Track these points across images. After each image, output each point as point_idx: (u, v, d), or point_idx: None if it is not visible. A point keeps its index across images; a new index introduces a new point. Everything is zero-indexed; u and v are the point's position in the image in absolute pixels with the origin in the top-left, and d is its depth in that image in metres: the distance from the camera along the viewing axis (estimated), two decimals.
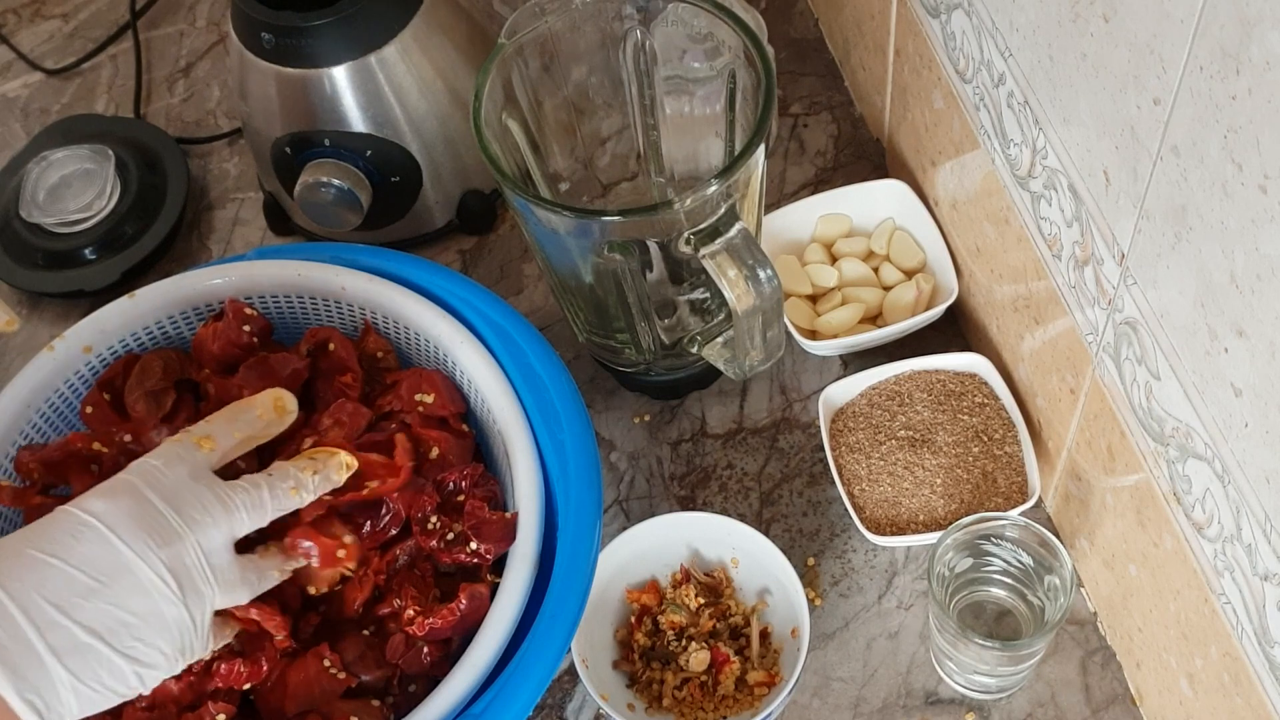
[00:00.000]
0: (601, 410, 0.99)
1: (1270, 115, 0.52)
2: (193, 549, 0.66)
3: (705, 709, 0.84)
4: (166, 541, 0.65)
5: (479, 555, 0.75)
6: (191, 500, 0.67)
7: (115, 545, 0.64)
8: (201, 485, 0.68)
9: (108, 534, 0.64)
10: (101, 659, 0.62)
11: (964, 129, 0.88)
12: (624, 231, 0.80)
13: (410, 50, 0.98)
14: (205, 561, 0.66)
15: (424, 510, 0.76)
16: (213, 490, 0.68)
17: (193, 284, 0.85)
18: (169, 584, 0.65)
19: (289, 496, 0.70)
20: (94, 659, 0.62)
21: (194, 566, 0.66)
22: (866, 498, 0.89)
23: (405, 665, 0.75)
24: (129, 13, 1.26)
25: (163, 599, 0.64)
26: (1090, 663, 0.85)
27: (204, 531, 0.67)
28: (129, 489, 0.66)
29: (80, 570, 0.63)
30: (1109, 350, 0.74)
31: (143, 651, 0.64)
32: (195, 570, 0.66)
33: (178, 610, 0.65)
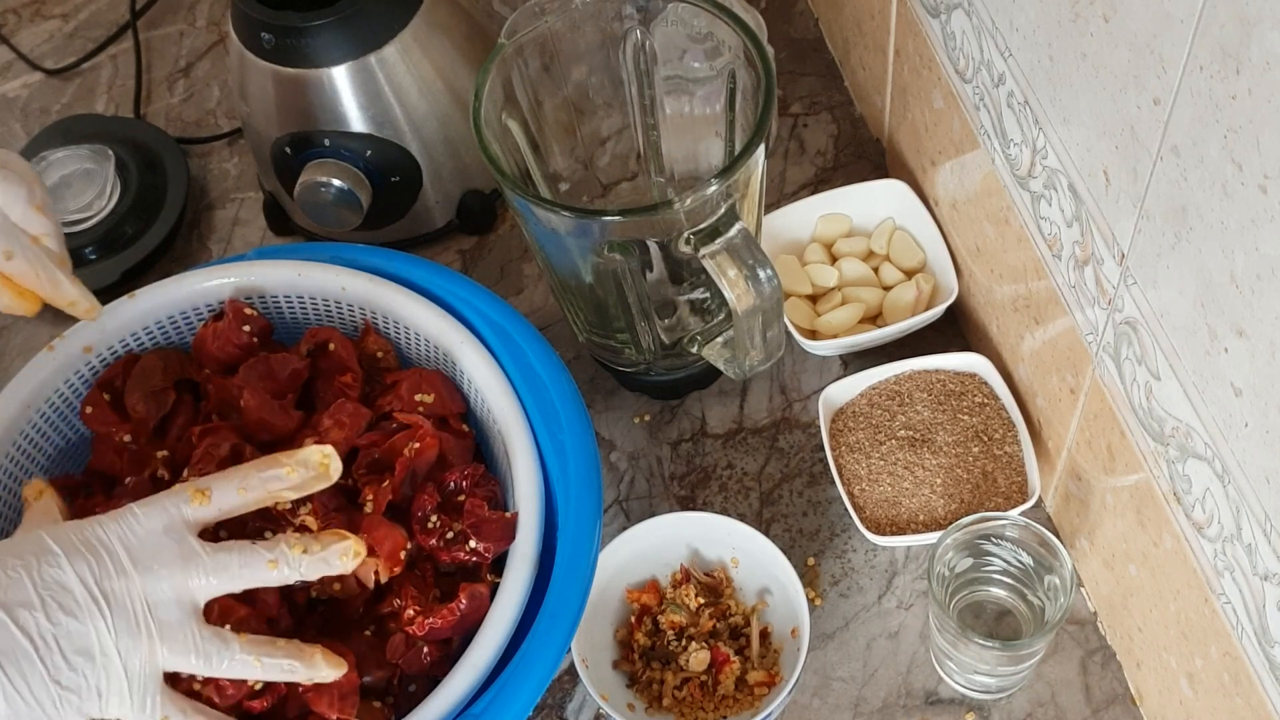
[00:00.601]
0: (601, 410, 0.99)
1: (1270, 115, 0.52)
2: (137, 591, 0.65)
3: (705, 709, 0.84)
4: (108, 575, 0.64)
5: (478, 554, 0.75)
6: (151, 549, 0.66)
7: (63, 567, 0.64)
8: (169, 538, 0.67)
9: (60, 556, 0.64)
10: (34, 670, 0.62)
11: (964, 129, 0.88)
12: (624, 231, 0.80)
13: (410, 50, 0.98)
14: (145, 605, 0.65)
15: (424, 509, 0.76)
16: (180, 545, 0.67)
17: (193, 284, 0.85)
18: (103, 613, 0.64)
19: (264, 570, 0.68)
20: (26, 666, 0.62)
21: (133, 608, 0.64)
22: (866, 497, 0.89)
23: (405, 665, 0.75)
24: (129, 13, 1.26)
25: (95, 628, 0.63)
26: (1090, 663, 0.85)
27: (152, 579, 0.65)
28: (98, 525, 0.66)
29: (33, 585, 0.63)
30: (1109, 350, 0.74)
31: (67, 676, 0.63)
32: (134, 612, 0.64)
33: (108, 645, 0.64)
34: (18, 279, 0.76)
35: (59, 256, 0.77)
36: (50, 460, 0.82)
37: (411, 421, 0.79)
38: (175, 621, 0.66)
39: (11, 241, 0.74)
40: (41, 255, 0.76)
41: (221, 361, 0.83)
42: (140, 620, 0.65)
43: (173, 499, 0.68)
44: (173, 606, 0.66)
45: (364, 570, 0.74)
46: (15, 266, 0.75)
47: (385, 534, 0.74)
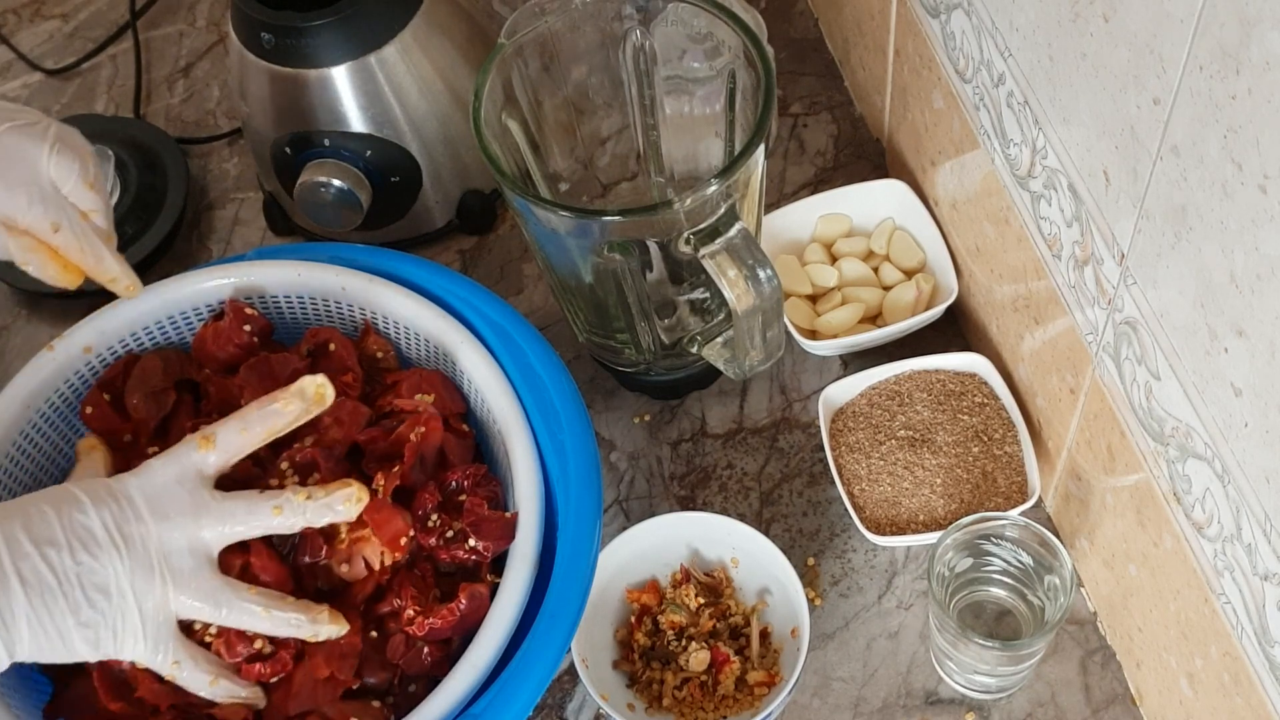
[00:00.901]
0: (601, 410, 0.99)
1: (1270, 115, 0.52)
2: (152, 537, 0.68)
3: (705, 709, 0.84)
4: (127, 520, 0.68)
5: (477, 553, 0.75)
6: (165, 498, 0.69)
7: (88, 513, 0.67)
8: (181, 488, 0.70)
9: (86, 504, 0.68)
10: (56, 604, 0.65)
11: (964, 129, 0.88)
12: (624, 231, 0.80)
13: (410, 50, 0.98)
14: (161, 552, 0.68)
15: (425, 508, 0.76)
16: (191, 495, 0.70)
17: (193, 284, 0.85)
18: (121, 555, 0.67)
19: (269, 516, 0.71)
20: (50, 600, 0.65)
21: (148, 552, 0.68)
22: (866, 497, 0.89)
23: (406, 665, 0.75)
24: (129, 13, 1.26)
25: (114, 568, 0.67)
26: (1090, 662, 0.85)
27: (166, 526, 0.69)
28: (122, 478, 0.70)
29: (60, 527, 0.66)
30: (1109, 350, 0.74)
31: (86, 612, 0.66)
32: (149, 556, 0.68)
33: (124, 585, 0.67)
34: (63, 252, 0.78)
35: (105, 233, 0.80)
36: (50, 460, 0.82)
37: (412, 407, 0.79)
38: (188, 569, 0.69)
39: (60, 215, 0.77)
40: (88, 230, 0.78)
41: (222, 361, 0.83)
42: (155, 564, 0.68)
43: (183, 448, 0.72)
44: (185, 554, 0.69)
45: (370, 551, 0.75)
46: (62, 239, 0.77)
47: (388, 518, 0.74)
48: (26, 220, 0.76)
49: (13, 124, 0.76)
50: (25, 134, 0.76)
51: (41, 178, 0.76)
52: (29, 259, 0.78)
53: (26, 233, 0.77)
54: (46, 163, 0.76)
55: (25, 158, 0.76)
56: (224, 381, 0.81)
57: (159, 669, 0.70)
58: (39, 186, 0.76)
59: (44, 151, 0.76)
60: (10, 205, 0.75)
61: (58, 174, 0.77)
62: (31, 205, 0.75)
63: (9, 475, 0.79)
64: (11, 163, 0.75)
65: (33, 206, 0.76)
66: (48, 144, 0.76)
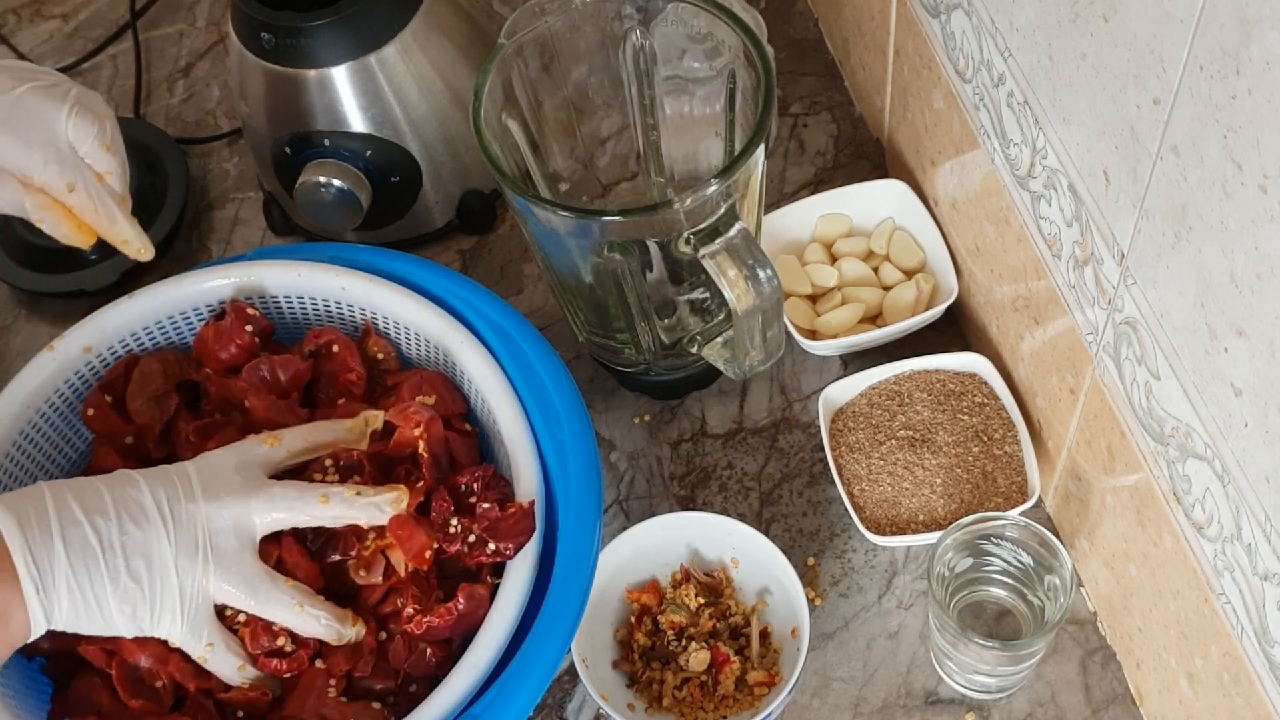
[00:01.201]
0: (601, 410, 0.99)
1: (1270, 115, 0.52)
2: (201, 516, 0.69)
3: (705, 709, 0.84)
4: (178, 498, 0.69)
5: (500, 554, 0.75)
6: (221, 480, 0.70)
7: (142, 489, 0.69)
8: (236, 474, 0.71)
9: (141, 482, 0.69)
10: (97, 571, 0.66)
11: (964, 129, 0.88)
12: (624, 231, 0.80)
13: (410, 50, 0.98)
14: (207, 531, 0.69)
15: (444, 515, 0.76)
16: (245, 479, 0.71)
17: (193, 284, 0.85)
18: (168, 530, 0.68)
19: (317, 505, 0.71)
20: (92, 565, 0.66)
21: (195, 530, 0.68)
22: (866, 497, 0.89)
23: (407, 667, 0.75)
24: (129, 13, 1.26)
25: (158, 542, 0.67)
26: (1090, 662, 0.86)
27: (216, 506, 0.69)
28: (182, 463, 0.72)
29: (112, 501, 0.68)
30: (1109, 350, 0.74)
31: (125, 582, 0.66)
32: (195, 534, 0.68)
33: (168, 560, 0.67)
34: (78, 211, 0.80)
35: (120, 195, 0.82)
36: (50, 460, 0.82)
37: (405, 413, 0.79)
38: (231, 550, 0.69)
39: (76, 175, 0.79)
40: (103, 192, 0.81)
41: (224, 361, 0.83)
42: (199, 543, 0.69)
43: (247, 443, 0.73)
44: (230, 535, 0.70)
45: (395, 557, 0.76)
46: (76, 199, 0.79)
47: (411, 532, 0.74)
48: (42, 178, 0.78)
49: (35, 84, 0.79)
50: (46, 94, 0.79)
51: (59, 138, 0.78)
52: (44, 216, 0.80)
53: (42, 190, 0.79)
54: (65, 123, 0.78)
55: (44, 117, 0.78)
56: (224, 382, 0.81)
57: (191, 650, 0.70)
58: (56, 146, 0.78)
59: (63, 112, 0.78)
60: (27, 163, 0.77)
61: (75, 135, 0.79)
62: (47, 164, 0.78)
63: (9, 475, 0.79)
64: (31, 121, 0.78)
65: (49, 165, 0.78)
66: (67, 105, 0.79)
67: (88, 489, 0.68)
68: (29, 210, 0.79)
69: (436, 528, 0.76)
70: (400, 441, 0.78)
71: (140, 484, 0.69)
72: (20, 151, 0.77)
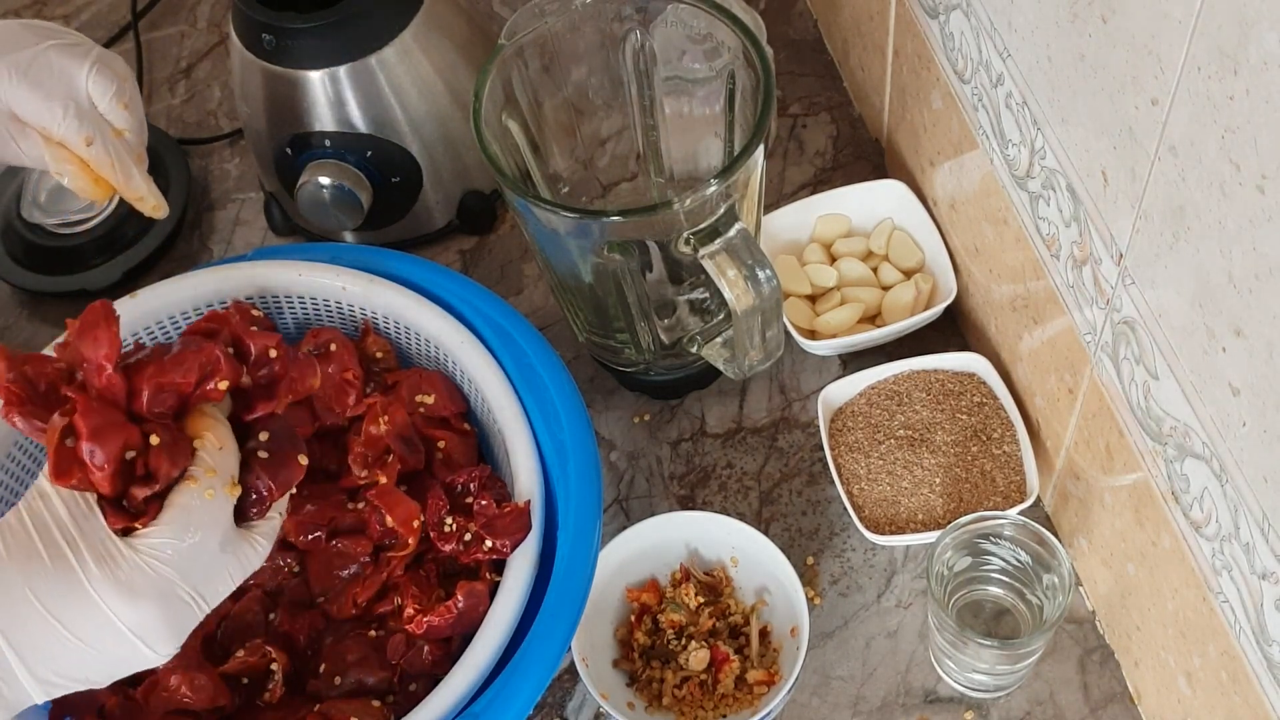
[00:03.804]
0: (601, 410, 0.99)
1: (1268, 115, 0.52)
2: (201, 613, 0.62)
3: (705, 708, 0.84)
4: (186, 625, 0.62)
5: (497, 551, 0.75)
6: (216, 576, 0.63)
7: (142, 652, 0.61)
8: (228, 554, 0.63)
9: (136, 642, 0.60)
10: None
11: (962, 129, 0.88)
12: (624, 232, 0.80)
13: (410, 51, 0.98)
14: (206, 609, 0.62)
15: (439, 514, 0.76)
16: (237, 556, 0.64)
17: (194, 284, 0.85)
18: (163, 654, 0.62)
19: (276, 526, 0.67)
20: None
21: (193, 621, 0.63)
22: (865, 497, 0.89)
23: (406, 665, 0.75)
24: (130, 14, 1.26)
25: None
26: (1089, 661, 0.86)
27: (216, 599, 0.63)
28: (166, 587, 0.60)
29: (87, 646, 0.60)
30: (1107, 350, 0.74)
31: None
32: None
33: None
34: (95, 166, 0.82)
35: (137, 153, 0.84)
36: None
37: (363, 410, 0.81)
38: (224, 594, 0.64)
39: (94, 129, 0.81)
40: (120, 148, 0.83)
41: None
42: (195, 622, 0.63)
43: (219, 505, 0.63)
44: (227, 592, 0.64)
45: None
46: (94, 153, 0.81)
47: (398, 500, 0.77)
48: (61, 131, 0.80)
49: (58, 41, 0.82)
50: (69, 52, 0.81)
51: (79, 93, 0.80)
52: (63, 169, 0.82)
53: (61, 144, 0.81)
54: (85, 79, 0.80)
55: (66, 73, 0.80)
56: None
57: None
58: (76, 101, 0.80)
59: (84, 69, 0.80)
60: (47, 116, 0.79)
61: (95, 91, 0.81)
62: (67, 117, 0.80)
63: (10, 475, 0.80)
64: (52, 76, 0.81)
65: (68, 119, 0.80)
66: (89, 62, 0.81)
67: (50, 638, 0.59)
68: (49, 163, 0.82)
69: (431, 526, 0.76)
70: (370, 439, 0.80)
71: (140, 648, 0.61)
72: (41, 104, 0.79)
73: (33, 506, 0.60)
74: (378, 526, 0.78)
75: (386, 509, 0.76)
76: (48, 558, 0.59)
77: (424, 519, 0.77)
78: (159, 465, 0.60)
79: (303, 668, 0.77)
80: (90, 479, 0.60)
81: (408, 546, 0.76)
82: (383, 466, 0.79)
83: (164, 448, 0.61)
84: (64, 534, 0.60)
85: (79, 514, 0.60)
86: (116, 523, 0.60)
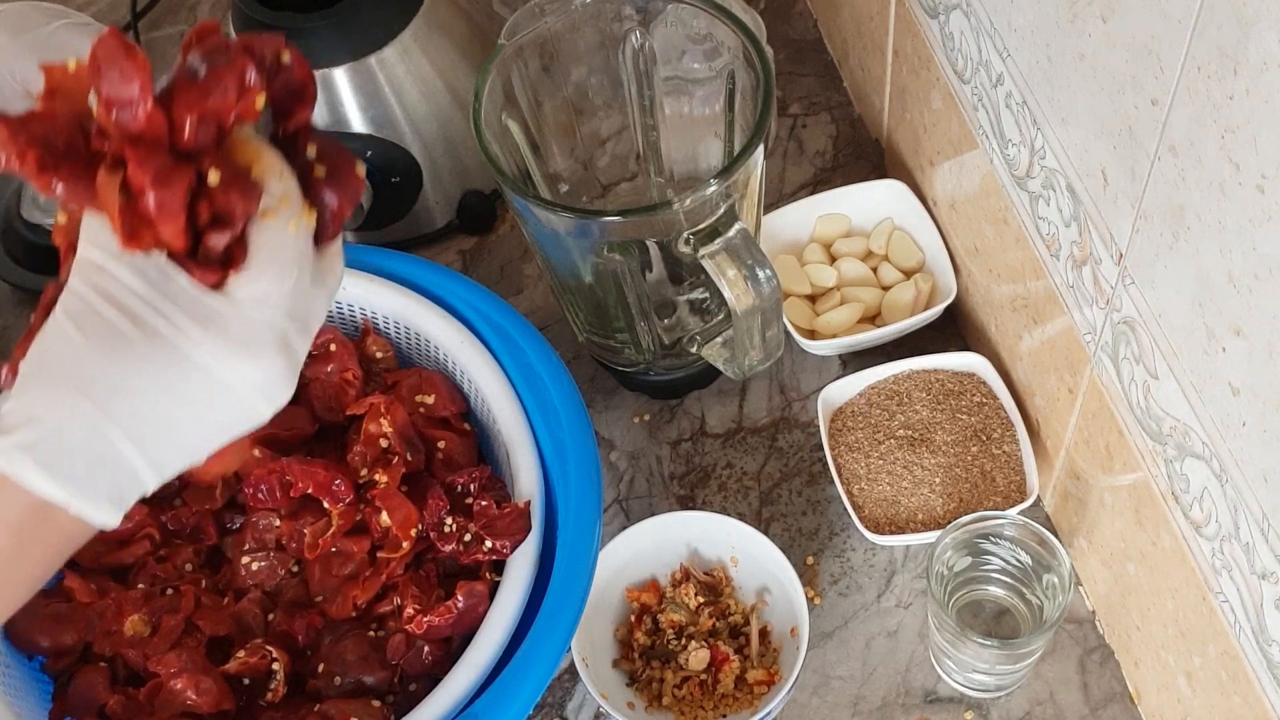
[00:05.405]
0: (601, 410, 0.99)
1: (1268, 115, 0.52)
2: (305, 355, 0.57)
3: (705, 707, 0.84)
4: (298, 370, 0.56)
5: (497, 552, 0.75)
6: (316, 311, 0.57)
7: (260, 409, 0.55)
8: (318, 286, 0.58)
9: (258, 400, 0.55)
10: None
11: (962, 129, 0.88)
12: (624, 231, 0.80)
13: (410, 51, 0.98)
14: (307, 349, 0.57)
15: (439, 514, 0.76)
16: (325, 286, 0.58)
17: None
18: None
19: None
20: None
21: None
22: (865, 497, 0.89)
23: (406, 665, 0.75)
24: (130, 14, 1.26)
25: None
26: (1089, 661, 0.86)
27: (313, 336, 0.57)
28: (280, 335, 0.55)
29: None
30: (1107, 350, 0.74)
31: None
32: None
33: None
34: None
35: None
36: None
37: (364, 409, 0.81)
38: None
39: None
40: None
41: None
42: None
43: (304, 237, 0.57)
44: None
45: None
46: None
47: (399, 504, 0.76)
48: None
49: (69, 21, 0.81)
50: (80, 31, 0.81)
51: None
52: None
53: None
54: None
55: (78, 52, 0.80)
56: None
57: None
58: None
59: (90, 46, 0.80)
60: None
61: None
62: None
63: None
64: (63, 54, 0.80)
65: None
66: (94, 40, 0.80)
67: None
68: None
69: (431, 526, 0.76)
70: (370, 438, 0.79)
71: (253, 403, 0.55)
72: None
73: (95, 283, 0.53)
74: (377, 527, 0.78)
75: (388, 511, 0.76)
76: (138, 333, 0.52)
77: (421, 526, 0.77)
78: (231, 204, 0.53)
79: (302, 668, 0.77)
80: (161, 236, 0.53)
81: (401, 549, 0.76)
82: (384, 467, 0.78)
83: (229, 183, 0.53)
84: (147, 303, 0.53)
85: (155, 279, 0.53)
86: (207, 277, 0.54)
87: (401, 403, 0.81)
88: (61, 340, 0.53)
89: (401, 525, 0.76)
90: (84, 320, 0.53)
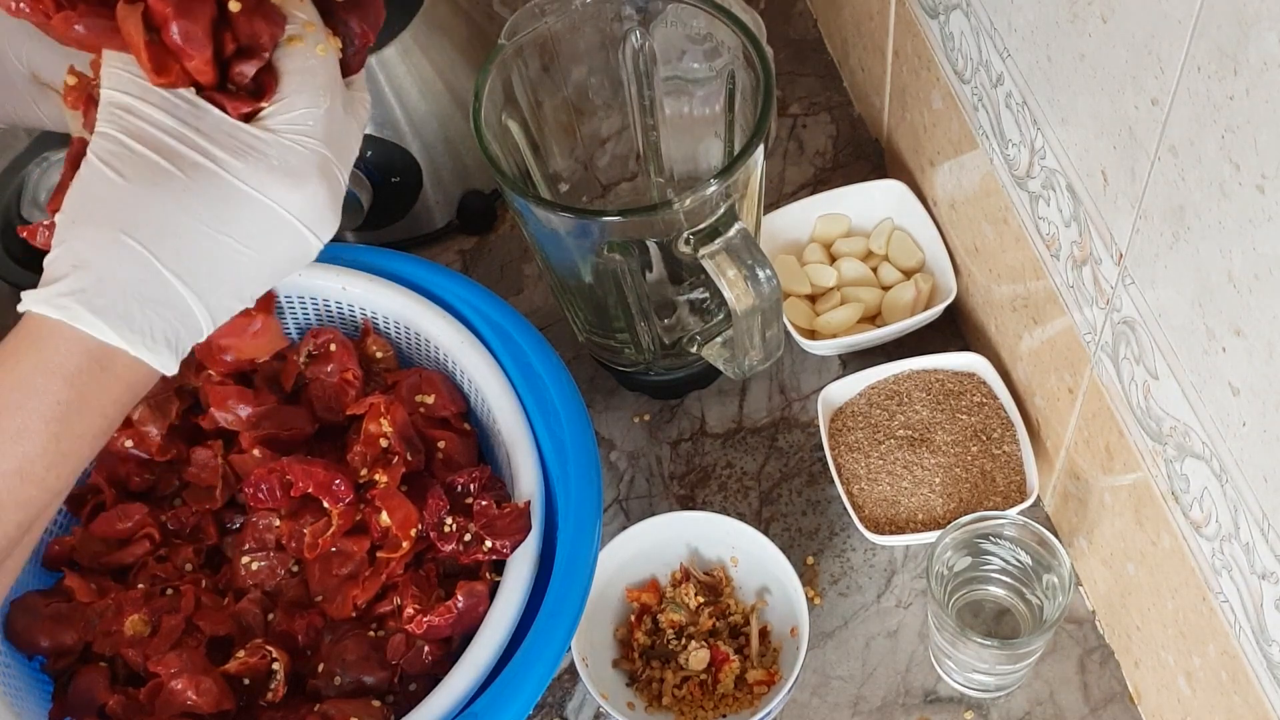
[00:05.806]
0: (601, 410, 0.99)
1: (1268, 115, 0.52)
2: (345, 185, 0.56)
3: (705, 707, 0.84)
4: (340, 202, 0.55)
5: (497, 552, 0.75)
6: (350, 141, 0.56)
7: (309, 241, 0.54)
8: (349, 115, 0.56)
9: (304, 231, 0.54)
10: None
11: (962, 129, 0.88)
12: (624, 231, 0.80)
13: (410, 51, 0.98)
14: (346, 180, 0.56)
15: (439, 514, 0.76)
16: (355, 116, 0.57)
17: None
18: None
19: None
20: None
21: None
22: (865, 497, 0.89)
23: (406, 665, 0.75)
24: None
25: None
26: (1089, 661, 0.86)
27: (349, 167, 0.56)
28: (322, 162, 0.54)
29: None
30: (1107, 350, 0.74)
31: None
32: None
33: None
34: None
35: None
36: None
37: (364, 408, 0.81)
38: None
39: None
40: None
41: (228, 363, 0.83)
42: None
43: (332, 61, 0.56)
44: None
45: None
46: None
47: (399, 504, 0.76)
48: None
49: None
50: None
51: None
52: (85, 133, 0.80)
53: None
54: None
55: None
56: (221, 387, 0.82)
57: None
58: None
59: None
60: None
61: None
62: None
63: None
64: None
65: None
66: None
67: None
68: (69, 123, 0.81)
69: (431, 526, 0.76)
70: (370, 438, 0.79)
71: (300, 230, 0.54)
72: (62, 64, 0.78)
73: (125, 125, 0.51)
74: (377, 527, 0.78)
75: (387, 511, 0.76)
76: (176, 170, 0.51)
77: (421, 526, 0.77)
78: (257, 31, 0.51)
79: (302, 668, 0.77)
80: (189, 69, 0.51)
81: (401, 549, 0.76)
82: (384, 467, 0.78)
83: (253, 10, 0.51)
84: (181, 140, 0.51)
85: (186, 114, 0.52)
86: (240, 109, 0.52)
87: (401, 403, 0.81)
88: (100, 183, 0.51)
89: (401, 525, 0.76)
90: (120, 162, 0.51)
